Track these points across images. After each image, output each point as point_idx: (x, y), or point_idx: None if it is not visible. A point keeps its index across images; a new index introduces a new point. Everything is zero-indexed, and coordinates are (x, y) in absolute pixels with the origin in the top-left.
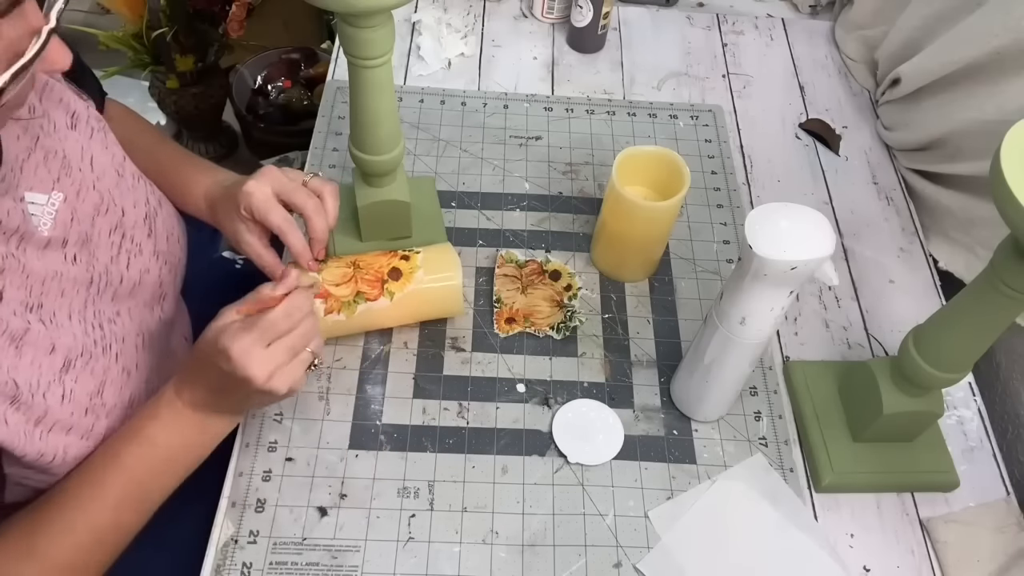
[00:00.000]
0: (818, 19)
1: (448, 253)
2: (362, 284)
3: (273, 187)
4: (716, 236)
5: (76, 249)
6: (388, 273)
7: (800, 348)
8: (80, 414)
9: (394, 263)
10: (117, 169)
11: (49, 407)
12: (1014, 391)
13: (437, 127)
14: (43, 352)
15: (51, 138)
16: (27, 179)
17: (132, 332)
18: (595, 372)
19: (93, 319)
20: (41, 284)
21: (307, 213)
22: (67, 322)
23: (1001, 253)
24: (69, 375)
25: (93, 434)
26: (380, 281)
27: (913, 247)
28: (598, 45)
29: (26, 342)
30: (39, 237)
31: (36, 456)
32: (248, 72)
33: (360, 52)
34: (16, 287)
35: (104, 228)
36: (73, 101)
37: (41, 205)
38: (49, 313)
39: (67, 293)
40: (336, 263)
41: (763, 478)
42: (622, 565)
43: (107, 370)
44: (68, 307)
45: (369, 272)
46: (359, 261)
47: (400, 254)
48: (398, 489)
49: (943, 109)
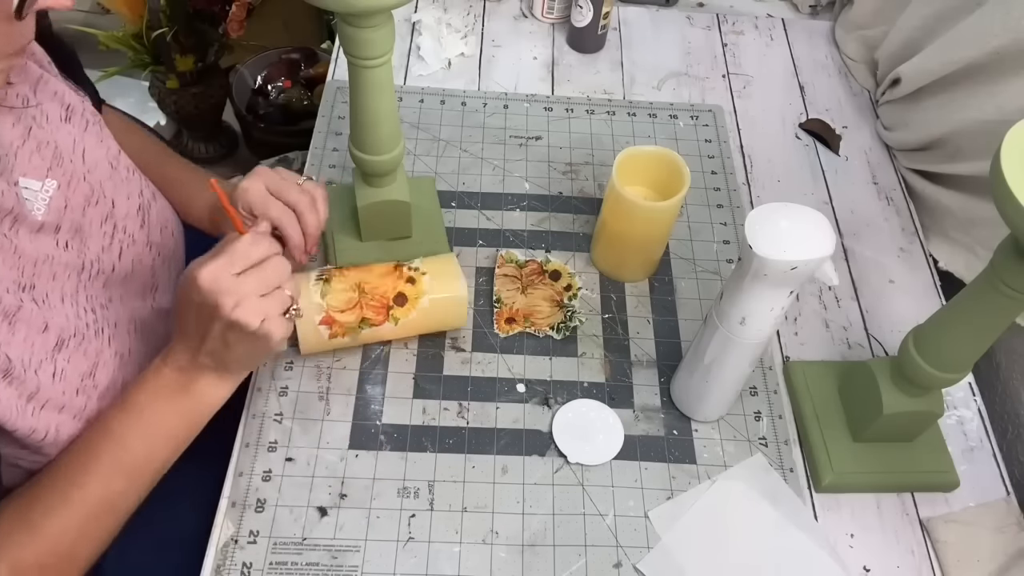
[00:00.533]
0: (818, 19)
1: (451, 269)
2: (367, 310)
3: (267, 184)
4: (716, 236)
5: (68, 236)
6: (394, 299)
7: (800, 348)
8: (72, 394)
9: (400, 287)
10: (111, 162)
11: (41, 384)
12: (1014, 391)
13: (437, 127)
14: (36, 330)
15: (43, 130)
16: (21, 165)
17: (125, 318)
18: (595, 372)
19: (85, 303)
20: (33, 266)
21: (300, 209)
22: (59, 304)
23: (1001, 253)
24: (62, 354)
25: (85, 414)
26: (385, 307)
27: (913, 247)
28: (598, 45)
29: (19, 319)
30: (32, 220)
31: (28, 432)
32: (248, 72)
33: (360, 52)
34: (9, 267)
35: (95, 218)
36: (68, 95)
37: (35, 191)
38: (42, 294)
39: (59, 277)
40: (340, 284)
41: (763, 478)
42: (622, 565)
43: (100, 352)
44: (60, 290)
45: (374, 297)
46: (364, 284)
47: (406, 275)
48: (398, 489)
49: (943, 109)
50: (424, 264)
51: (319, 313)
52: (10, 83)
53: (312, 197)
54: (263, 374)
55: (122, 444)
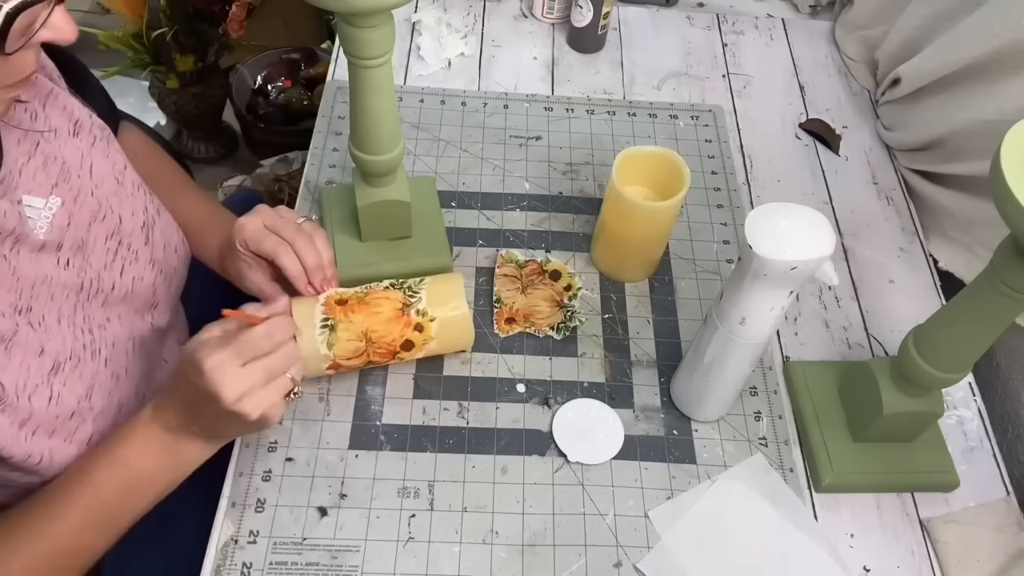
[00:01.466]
0: (818, 19)
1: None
2: (374, 356)
3: (264, 221)
4: (716, 236)
5: (70, 254)
6: (401, 346)
7: (800, 348)
8: (66, 417)
9: (408, 335)
10: (117, 177)
11: (34, 410)
12: (1014, 391)
13: (437, 127)
14: (32, 355)
15: (51, 144)
16: (26, 182)
17: (123, 337)
18: (595, 372)
19: (83, 324)
20: (31, 287)
21: (296, 246)
22: (56, 326)
23: (1001, 253)
24: (58, 378)
25: (77, 438)
26: (392, 353)
27: (913, 247)
28: (598, 45)
29: (15, 344)
30: (34, 240)
31: (23, 457)
32: (248, 72)
33: (360, 52)
34: (6, 289)
35: (100, 235)
36: (77, 109)
37: (38, 208)
38: (38, 316)
39: (56, 297)
40: (346, 333)
41: (763, 478)
42: (622, 565)
43: (95, 374)
44: (57, 311)
45: (381, 346)
46: (370, 333)
47: (413, 322)
48: (398, 489)
49: (943, 109)
50: (428, 297)
51: (325, 362)
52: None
53: (309, 235)
54: None
55: (99, 494)
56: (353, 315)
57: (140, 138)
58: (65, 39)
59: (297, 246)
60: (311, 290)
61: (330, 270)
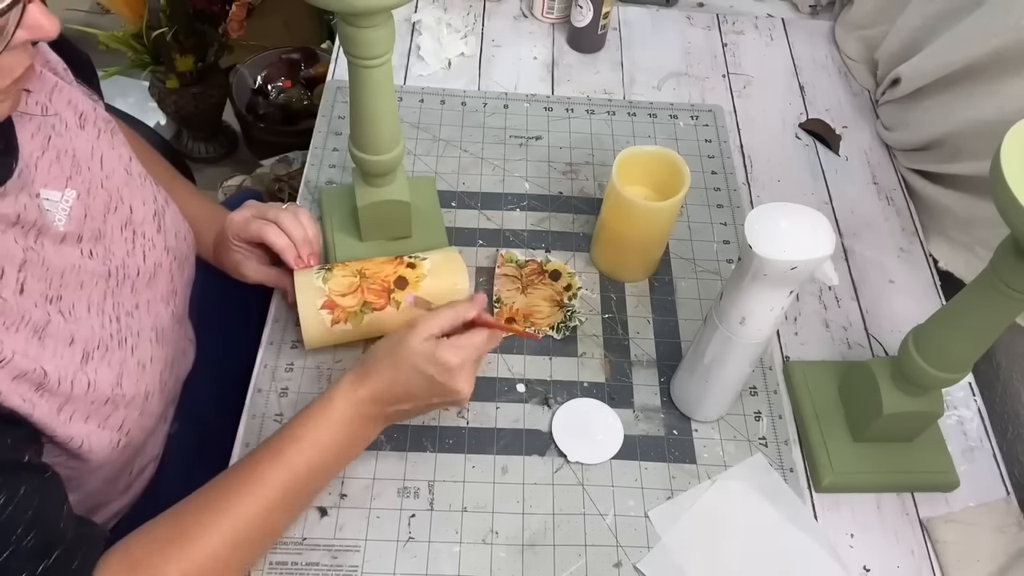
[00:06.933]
0: (818, 19)
1: (454, 260)
2: (368, 294)
3: (250, 211)
4: (716, 236)
5: (91, 244)
6: (394, 282)
7: (800, 348)
8: (100, 403)
9: (400, 271)
10: (125, 168)
11: (74, 395)
12: (1014, 391)
13: (437, 127)
14: (63, 344)
15: (62, 138)
16: (42, 176)
17: (147, 326)
18: (595, 372)
19: (112, 311)
20: (60, 277)
21: (281, 222)
22: (85, 315)
23: (1001, 253)
24: (89, 366)
25: (110, 424)
26: (387, 290)
27: (913, 247)
28: (598, 45)
29: (48, 334)
30: (55, 232)
31: (66, 439)
32: (248, 72)
33: (360, 52)
34: (37, 279)
35: (116, 225)
36: (81, 102)
37: (55, 201)
38: (68, 305)
39: (86, 285)
40: (342, 272)
41: (763, 478)
42: (622, 565)
43: (123, 363)
44: (87, 299)
45: (375, 281)
46: (365, 270)
47: (406, 261)
48: (398, 489)
49: (943, 109)
50: (426, 254)
51: (321, 297)
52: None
53: (293, 212)
54: (264, 375)
55: (294, 474)
56: (350, 263)
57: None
58: (46, 35)
59: (282, 222)
60: (300, 263)
61: (316, 243)
